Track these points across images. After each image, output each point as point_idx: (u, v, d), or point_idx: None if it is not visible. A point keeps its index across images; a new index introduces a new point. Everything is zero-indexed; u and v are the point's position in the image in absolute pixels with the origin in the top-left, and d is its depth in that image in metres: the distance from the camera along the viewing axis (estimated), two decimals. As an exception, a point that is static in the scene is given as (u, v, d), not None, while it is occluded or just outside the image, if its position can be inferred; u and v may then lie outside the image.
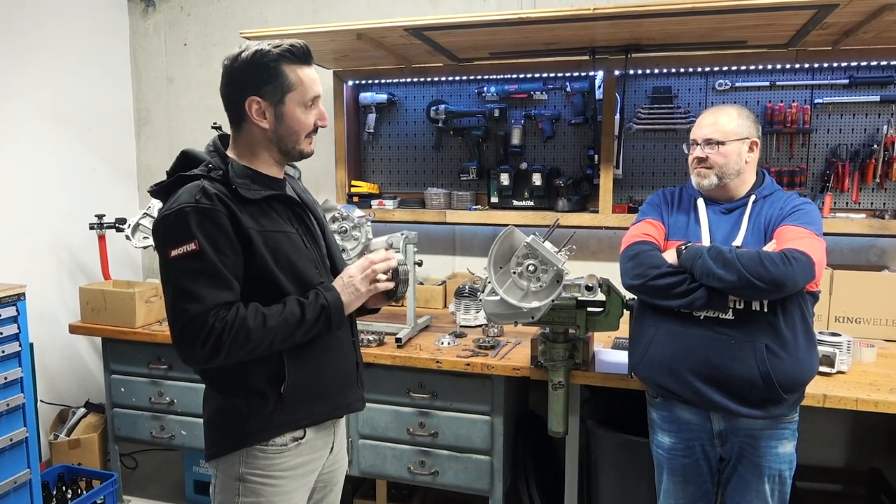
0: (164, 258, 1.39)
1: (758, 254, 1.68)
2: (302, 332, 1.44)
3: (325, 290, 1.49)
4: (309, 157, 1.54)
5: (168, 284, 1.39)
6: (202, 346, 1.35)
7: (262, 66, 1.42)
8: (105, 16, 3.52)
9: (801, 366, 1.74)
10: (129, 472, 3.33)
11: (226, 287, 1.38)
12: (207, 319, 1.34)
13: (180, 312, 1.36)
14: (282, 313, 1.41)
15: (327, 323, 1.47)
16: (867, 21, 2.17)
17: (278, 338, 1.41)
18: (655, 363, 1.85)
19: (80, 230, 3.24)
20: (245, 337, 1.37)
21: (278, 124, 1.46)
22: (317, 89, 1.49)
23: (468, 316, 2.76)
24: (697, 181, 1.87)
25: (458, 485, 2.45)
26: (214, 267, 1.36)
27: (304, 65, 1.47)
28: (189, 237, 1.36)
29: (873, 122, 2.65)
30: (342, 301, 1.50)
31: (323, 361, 1.54)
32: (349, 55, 2.87)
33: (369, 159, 3.30)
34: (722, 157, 1.82)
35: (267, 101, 1.44)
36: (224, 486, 1.51)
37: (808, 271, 1.66)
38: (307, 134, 1.50)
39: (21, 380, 2.49)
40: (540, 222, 2.84)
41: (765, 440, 1.79)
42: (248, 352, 1.39)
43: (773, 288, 1.65)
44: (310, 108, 1.48)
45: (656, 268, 1.80)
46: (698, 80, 2.81)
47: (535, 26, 2.34)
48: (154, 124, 3.71)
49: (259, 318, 1.39)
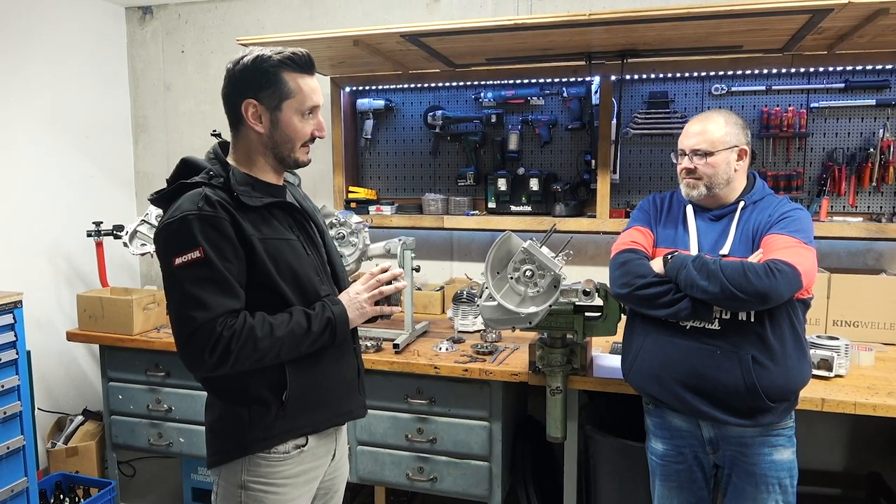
0: (168, 266, 1.37)
1: (742, 265, 1.65)
2: (307, 343, 1.45)
3: (331, 303, 1.50)
4: (305, 167, 1.54)
5: (173, 293, 1.38)
6: (210, 355, 1.34)
7: (262, 71, 1.43)
8: (102, 23, 3.53)
9: (791, 375, 1.72)
10: (127, 479, 3.32)
11: (232, 294, 1.38)
12: (215, 327, 1.33)
13: (187, 320, 1.35)
14: (289, 324, 1.41)
15: (332, 336, 1.48)
16: (862, 25, 2.18)
17: (284, 348, 1.42)
18: (644, 372, 1.85)
19: (77, 237, 3.24)
20: (253, 346, 1.37)
21: (274, 130, 1.46)
22: (316, 99, 1.49)
23: (466, 321, 2.75)
24: (687, 192, 1.86)
25: (456, 491, 2.44)
26: (220, 274, 1.36)
27: (305, 74, 1.47)
28: (193, 244, 1.35)
29: (869, 125, 2.66)
30: (348, 316, 1.51)
31: (325, 369, 1.53)
32: (346, 62, 2.87)
33: (367, 165, 3.30)
34: (710, 168, 1.79)
35: (263, 106, 1.44)
36: (226, 494, 1.50)
37: (794, 282, 1.63)
38: (303, 143, 1.50)
39: (18, 388, 2.49)
40: (537, 227, 2.85)
41: (756, 448, 1.77)
42: (254, 361, 1.39)
43: (757, 300, 1.63)
44: (307, 117, 1.48)
45: (642, 277, 1.79)
46: (694, 85, 2.82)
47: (531, 32, 2.34)
48: (151, 131, 3.71)
49: (267, 328, 1.39)
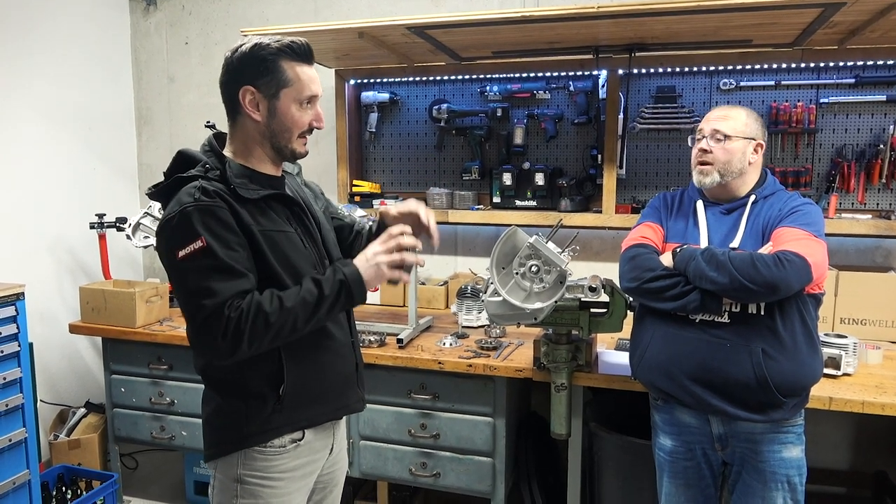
0: (172, 261, 1.36)
1: (751, 256, 1.65)
2: (324, 310, 1.39)
3: (342, 265, 1.44)
4: (302, 158, 1.52)
5: (181, 286, 1.37)
6: (223, 338, 1.31)
7: (260, 59, 1.41)
8: (106, 15, 3.51)
9: (802, 369, 1.70)
10: (129, 472, 3.32)
11: (239, 276, 1.35)
12: (223, 311, 1.31)
13: (196, 309, 1.33)
14: (299, 293, 1.38)
15: (349, 298, 1.41)
16: (874, 20, 2.15)
17: (301, 318, 1.37)
18: (653, 366, 1.84)
19: (80, 229, 3.23)
20: (264, 322, 1.33)
21: (271, 118, 1.44)
22: (314, 89, 1.46)
23: (470, 317, 2.74)
24: (699, 179, 1.84)
25: (459, 486, 2.44)
26: (223, 262, 1.34)
27: (304, 63, 1.45)
28: (195, 236, 1.33)
29: (879, 121, 2.63)
30: (361, 276, 1.42)
31: (322, 363, 1.52)
32: (351, 54, 2.85)
33: (371, 159, 3.28)
34: (726, 154, 1.79)
35: (261, 94, 1.42)
36: (223, 488, 1.50)
37: (803, 274, 1.62)
38: (301, 133, 1.47)
39: (20, 380, 2.48)
40: (543, 222, 2.83)
41: (766, 444, 1.76)
42: (272, 337, 1.35)
43: (766, 290, 1.62)
44: (305, 106, 1.46)
45: (651, 270, 1.78)
46: (702, 80, 2.79)
47: (537, 25, 2.32)
48: (155, 123, 3.70)
49: (276, 302, 1.35)
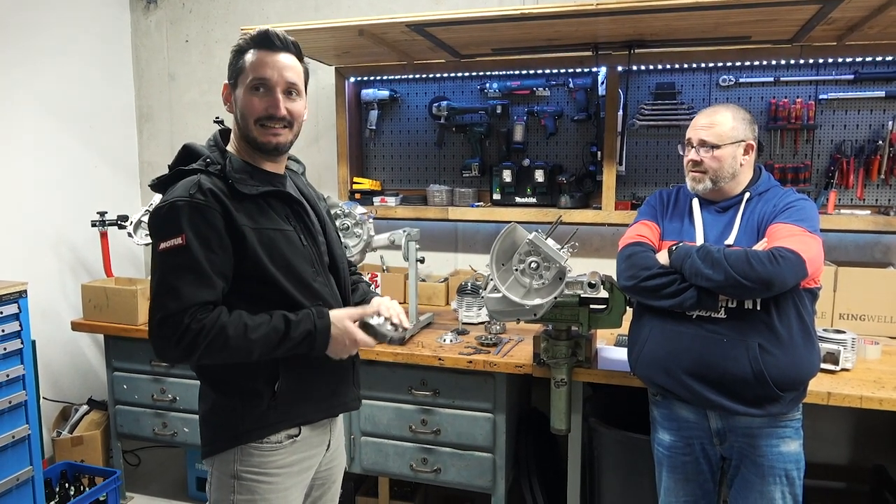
0: (154, 250, 1.40)
1: (745, 253, 1.66)
2: (284, 349, 1.42)
3: (318, 315, 1.44)
4: (272, 150, 1.47)
5: (154, 276, 1.40)
6: (176, 345, 1.34)
7: (232, 54, 1.48)
8: (106, 13, 3.52)
9: (799, 363, 1.72)
10: (131, 468, 3.33)
11: (207, 286, 1.37)
12: (183, 319, 1.33)
13: (158, 307, 1.36)
14: (267, 326, 1.39)
15: (310, 348, 1.44)
16: (872, 16, 2.15)
17: (257, 351, 1.39)
18: (651, 362, 1.85)
19: (82, 227, 3.24)
20: (223, 343, 1.36)
21: (236, 109, 1.48)
22: (263, 72, 1.42)
23: (470, 313, 2.75)
24: (692, 185, 1.86)
25: (460, 482, 2.45)
26: (198, 264, 1.35)
27: (260, 49, 1.44)
28: (177, 231, 1.35)
29: (878, 117, 2.63)
30: (330, 336, 1.44)
31: (318, 360, 1.52)
32: (351, 51, 2.85)
33: (371, 156, 3.28)
34: (716, 162, 1.80)
35: (231, 87, 1.49)
36: (220, 484, 1.51)
37: (798, 269, 1.63)
38: (256, 120, 1.44)
39: (23, 377, 2.49)
40: (542, 219, 2.83)
41: (764, 439, 1.77)
42: (224, 357, 1.39)
43: (761, 287, 1.63)
44: (259, 92, 1.44)
45: (647, 269, 1.79)
46: (702, 76, 2.80)
47: (536, 22, 2.32)
48: (156, 121, 3.71)
49: (241, 329, 1.37)
